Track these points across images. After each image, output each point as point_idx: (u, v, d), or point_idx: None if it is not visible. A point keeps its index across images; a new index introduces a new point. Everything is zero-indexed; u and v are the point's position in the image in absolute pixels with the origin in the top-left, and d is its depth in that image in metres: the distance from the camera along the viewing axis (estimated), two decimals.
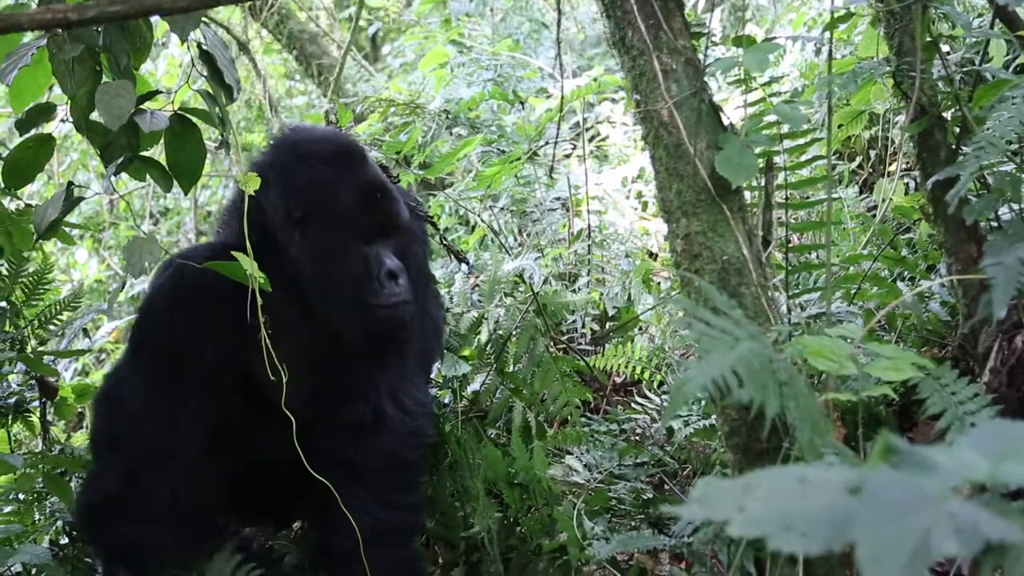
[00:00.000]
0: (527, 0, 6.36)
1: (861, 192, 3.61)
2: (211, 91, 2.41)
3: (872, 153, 3.86)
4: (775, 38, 4.11)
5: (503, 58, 5.87)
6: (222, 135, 2.58)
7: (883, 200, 2.59)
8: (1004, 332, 1.83)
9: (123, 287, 5.26)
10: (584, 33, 6.28)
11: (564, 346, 3.04)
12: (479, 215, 5.31)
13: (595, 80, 5.19)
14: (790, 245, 2.20)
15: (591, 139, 5.80)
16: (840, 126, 2.74)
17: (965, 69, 2.12)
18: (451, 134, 5.26)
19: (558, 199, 4.77)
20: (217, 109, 2.42)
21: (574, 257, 4.04)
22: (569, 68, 6.67)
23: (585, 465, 2.31)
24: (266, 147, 2.50)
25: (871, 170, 3.85)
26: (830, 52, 1.96)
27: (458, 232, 5.14)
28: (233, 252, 2.05)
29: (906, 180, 3.04)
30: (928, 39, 1.90)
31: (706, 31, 2.08)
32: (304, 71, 5.58)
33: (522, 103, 5.31)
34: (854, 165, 3.91)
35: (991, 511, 0.87)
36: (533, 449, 2.23)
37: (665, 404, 2.53)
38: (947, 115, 2.00)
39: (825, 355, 1.71)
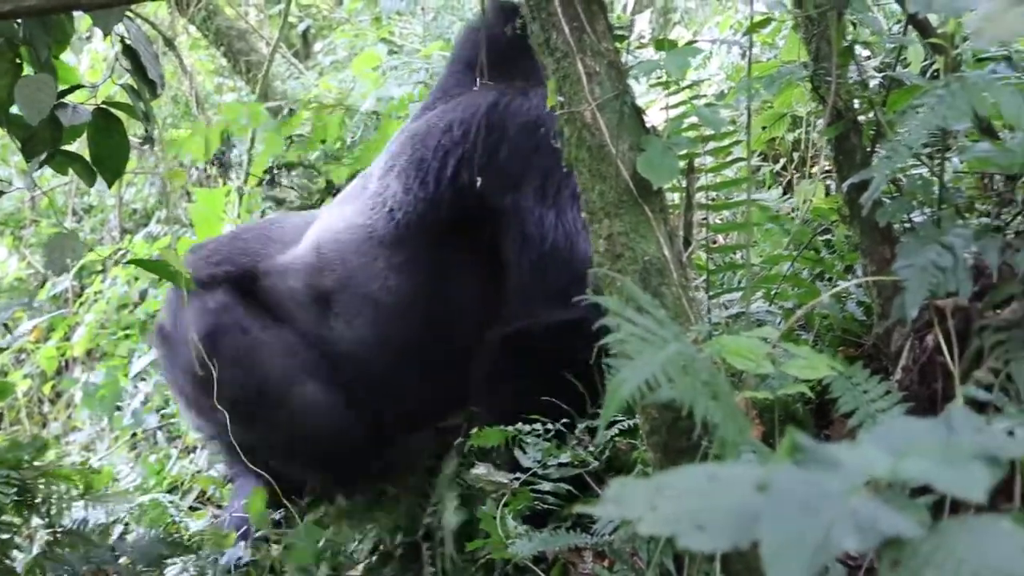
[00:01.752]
0: (456, 0, 6.36)
1: (785, 193, 3.67)
2: (135, 86, 2.38)
3: (795, 155, 3.92)
4: (697, 41, 4.15)
5: (434, 58, 5.86)
6: (147, 130, 2.56)
7: (803, 202, 2.63)
8: (916, 332, 1.87)
9: (44, 284, 5.17)
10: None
11: None
12: None
13: None
14: (712, 246, 2.23)
15: None
16: (764, 128, 2.78)
17: (881, 74, 2.17)
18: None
19: None
20: (141, 104, 2.39)
21: None
22: None
23: (509, 464, 2.32)
24: None
25: (795, 172, 3.91)
26: (750, 56, 1.99)
27: None
28: (162, 252, 2.07)
29: (827, 182, 3.09)
30: (844, 44, 1.94)
31: (629, 34, 2.10)
32: (232, 68, 5.52)
33: None
34: (778, 167, 3.97)
35: (891, 506, 0.89)
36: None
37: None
38: (863, 119, 2.04)
39: (743, 354, 1.74)
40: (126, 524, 3.02)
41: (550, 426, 2.28)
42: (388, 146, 2.83)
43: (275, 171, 4.66)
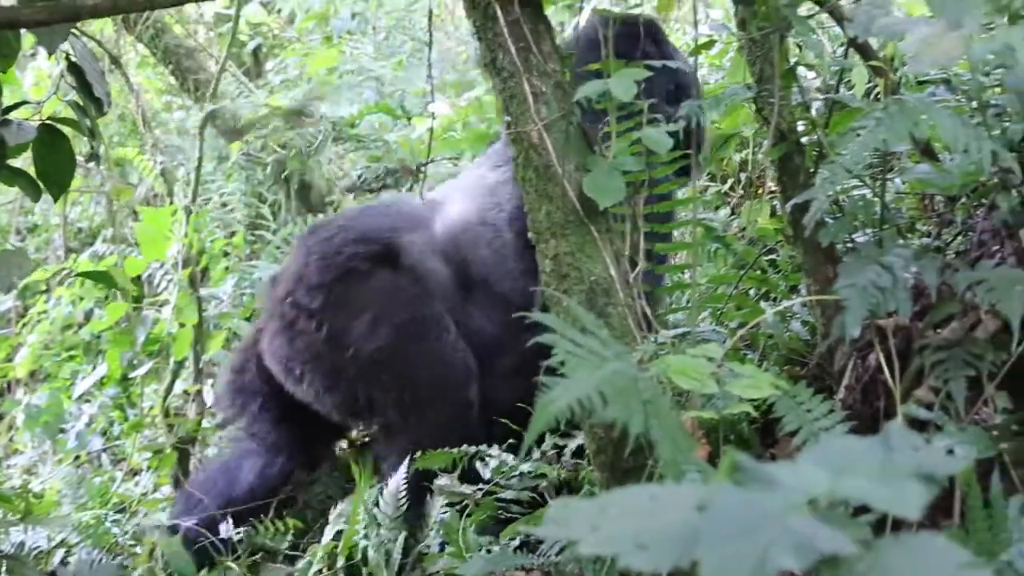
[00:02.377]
0: (409, 19, 6.36)
1: (732, 214, 3.70)
2: (81, 103, 2.36)
3: (743, 176, 3.96)
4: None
5: (388, 77, 5.86)
6: (92, 147, 2.54)
7: (749, 222, 2.66)
8: (858, 351, 1.90)
9: None
10: (467, 53, 6.31)
11: None
12: None
13: (477, 100, 5.22)
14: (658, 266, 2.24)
15: (474, 156, 5.82)
16: (711, 149, 2.81)
17: (823, 96, 2.19)
18: (337, 146, 5.24)
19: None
20: (88, 121, 2.38)
21: None
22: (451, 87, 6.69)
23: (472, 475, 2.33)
24: None
25: (742, 192, 3.94)
26: (694, 77, 2.01)
27: None
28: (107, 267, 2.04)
29: (774, 203, 3.12)
30: (787, 66, 1.97)
31: (573, 55, 2.11)
32: (180, 86, 5.48)
33: (408, 119, 5.32)
34: (725, 187, 4.00)
35: (829, 525, 0.89)
36: None
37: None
38: (806, 140, 2.07)
39: (688, 374, 1.75)
40: (68, 547, 2.97)
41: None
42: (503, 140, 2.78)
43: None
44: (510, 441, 2.32)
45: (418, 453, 2.35)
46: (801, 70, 2.05)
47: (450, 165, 5.41)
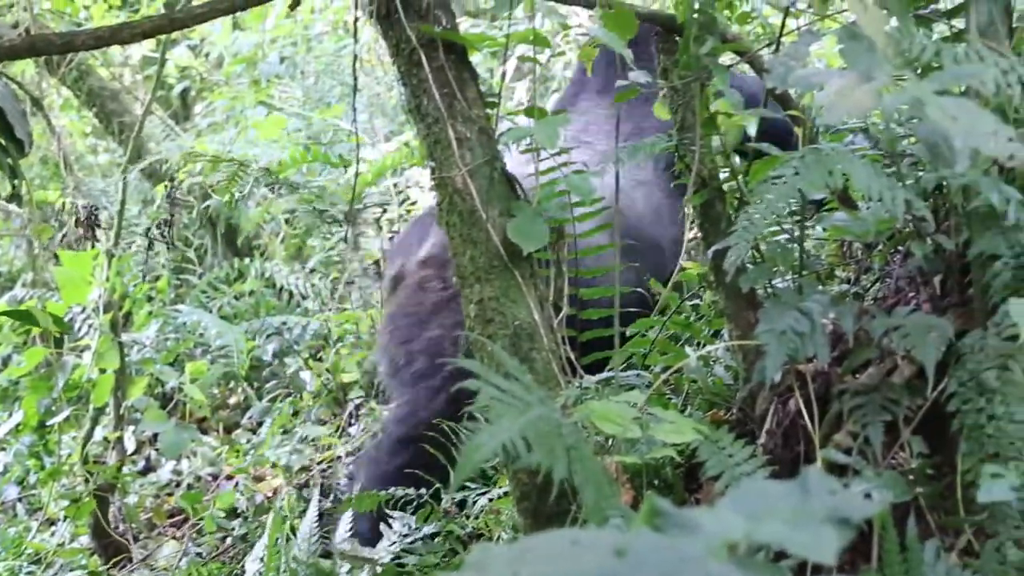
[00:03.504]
0: (338, 63, 6.37)
1: None
2: (2, 144, 2.33)
3: None
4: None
5: (317, 121, 5.85)
6: (14, 188, 2.49)
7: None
8: (779, 395, 1.92)
9: None
10: (395, 97, 6.33)
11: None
12: (287, 278, 5.25)
13: (406, 145, 5.23)
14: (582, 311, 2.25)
15: (401, 203, 5.83)
16: None
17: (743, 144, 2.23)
18: (270, 190, 5.20)
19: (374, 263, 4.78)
20: (9, 162, 2.34)
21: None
22: (381, 132, 6.70)
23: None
24: None
25: None
26: (617, 125, 2.04)
27: (262, 295, 5.05)
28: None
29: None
30: (707, 115, 2.00)
31: (508, 101, 2.13)
32: (105, 129, 5.42)
33: (346, 167, 5.31)
34: None
35: (748, 570, 0.90)
36: None
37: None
38: (728, 187, 2.10)
39: (611, 419, 1.75)
40: None
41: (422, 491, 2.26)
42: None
43: (158, 228, 4.55)
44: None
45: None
46: (720, 118, 2.08)
47: (379, 211, 5.41)
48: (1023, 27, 1.94)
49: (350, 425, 3.94)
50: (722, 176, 2.12)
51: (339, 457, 3.58)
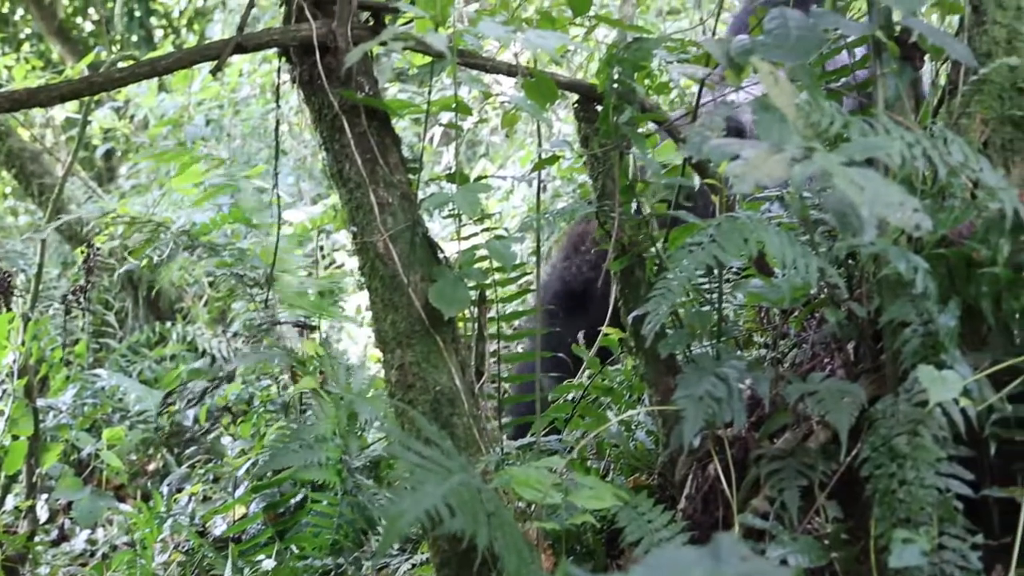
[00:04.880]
0: (265, 127, 6.37)
1: None
2: None
3: None
4: (488, 177, 4.27)
5: (243, 183, 5.81)
6: None
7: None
8: (698, 460, 1.93)
9: None
10: (321, 161, 6.33)
11: None
12: (209, 341, 5.18)
13: (333, 208, 5.23)
14: (503, 375, 2.25)
15: (327, 266, 5.80)
16: None
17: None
18: (191, 254, 5.14)
19: (297, 325, 4.73)
20: None
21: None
22: (307, 195, 6.69)
23: None
24: None
25: None
26: (539, 192, 2.06)
27: (184, 358, 4.98)
28: None
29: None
30: (627, 182, 2.03)
31: (433, 166, 2.14)
32: (25, 190, 5.34)
33: (267, 232, 5.27)
34: None
35: None
36: None
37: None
38: (647, 253, 2.12)
39: (531, 485, 1.75)
40: None
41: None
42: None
43: (74, 295, 4.48)
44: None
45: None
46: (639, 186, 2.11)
47: (303, 273, 5.37)
48: (928, 102, 2.01)
49: None
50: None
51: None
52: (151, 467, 4.57)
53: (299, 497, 2.74)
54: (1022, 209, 1.54)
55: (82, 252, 4.36)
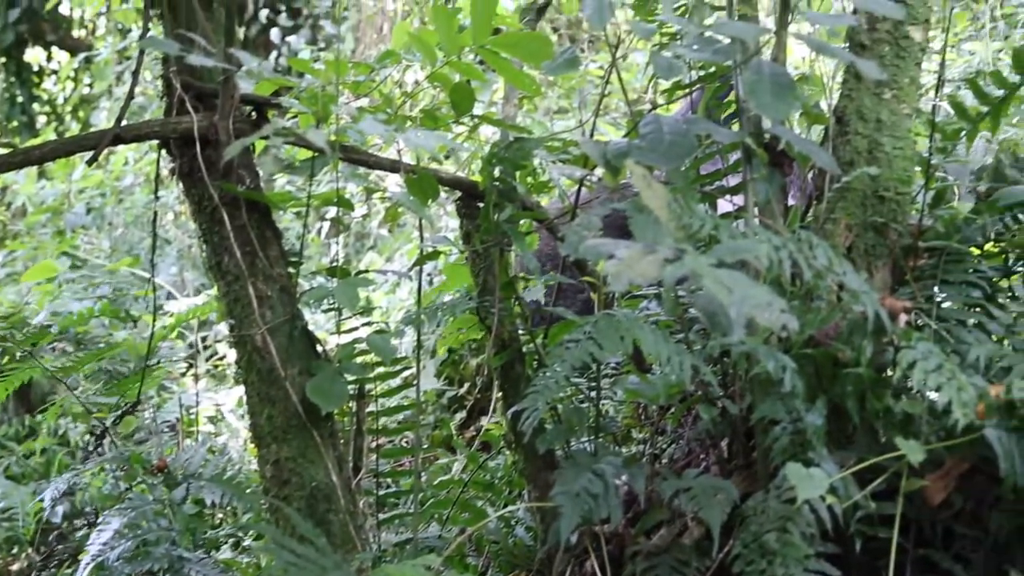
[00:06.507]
0: (148, 215, 6.28)
1: (470, 418, 3.75)
2: None
3: (479, 380, 4.03)
4: (368, 271, 4.28)
5: (121, 273, 5.71)
6: None
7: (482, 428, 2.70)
8: (576, 556, 1.93)
9: None
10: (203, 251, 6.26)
11: None
12: (82, 436, 5.01)
13: (216, 299, 5.15)
14: (382, 472, 2.23)
15: (208, 358, 5.69)
16: (448, 352, 2.86)
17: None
18: (54, 351, 4.99)
19: (166, 422, 4.62)
20: None
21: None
22: (191, 285, 6.58)
23: None
24: None
25: (479, 396, 4.01)
26: (419, 286, 2.07)
27: (55, 451, 4.80)
28: None
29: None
30: (507, 279, 2.05)
31: (300, 259, 2.14)
32: None
33: (135, 322, 5.16)
34: (463, 391, 4.06)
35: None
36: None
37: None
38: (527, 349, 2.14)
39: None
40: None
41: None
42: None
43: None
44: None
45: None
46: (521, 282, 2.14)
47: (183, 364, 5.27)
48: (796, 206, 2.08)
49: None
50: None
51: None
52: (15, 567, 4.37)
53: None
54: (883, 313, 1.60)
55: None
